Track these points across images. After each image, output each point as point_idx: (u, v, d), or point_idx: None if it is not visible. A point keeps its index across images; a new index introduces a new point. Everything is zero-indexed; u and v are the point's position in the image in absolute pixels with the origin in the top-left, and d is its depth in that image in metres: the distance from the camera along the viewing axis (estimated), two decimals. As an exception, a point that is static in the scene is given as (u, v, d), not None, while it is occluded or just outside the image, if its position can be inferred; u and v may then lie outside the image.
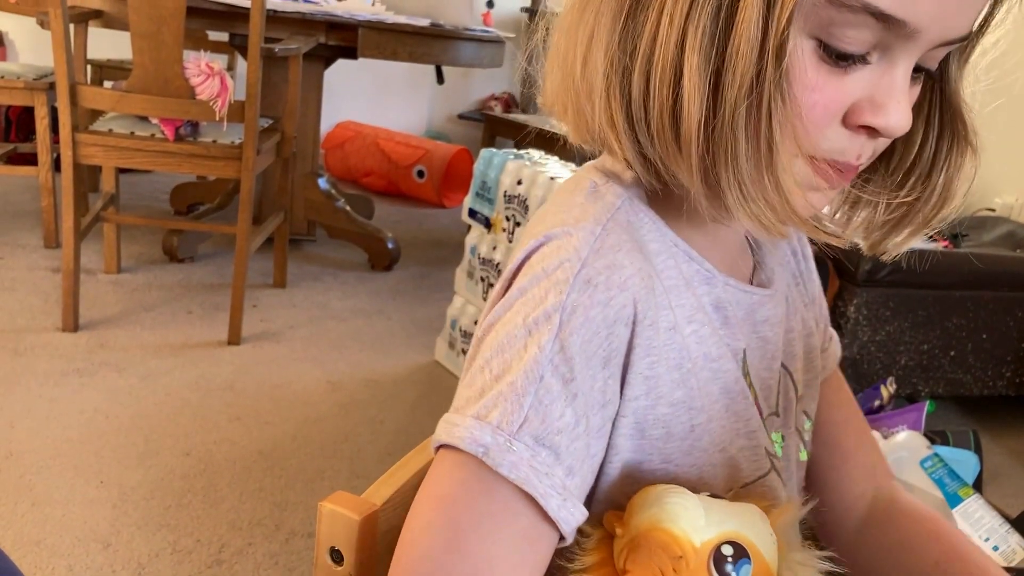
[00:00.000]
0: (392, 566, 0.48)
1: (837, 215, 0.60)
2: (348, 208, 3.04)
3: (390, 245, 3.00)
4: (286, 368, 2.19)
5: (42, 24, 2.22)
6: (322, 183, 3.01)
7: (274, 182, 2.73)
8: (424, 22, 2.71)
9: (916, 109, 0.52)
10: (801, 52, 0.45)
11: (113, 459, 1.71)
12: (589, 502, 0.51)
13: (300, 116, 2.66)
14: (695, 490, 0.48)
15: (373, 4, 3.02)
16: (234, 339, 2.28)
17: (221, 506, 1.61)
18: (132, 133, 2.17)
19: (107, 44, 3.11)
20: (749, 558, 0.45)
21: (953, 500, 1.35)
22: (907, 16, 0.44)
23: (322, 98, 3.04)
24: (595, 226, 0.50)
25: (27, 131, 3.68)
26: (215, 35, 3.17)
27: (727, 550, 0.45)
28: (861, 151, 0.49)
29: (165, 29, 2.04)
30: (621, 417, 0.50)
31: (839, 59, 0.46)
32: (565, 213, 0.51)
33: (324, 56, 2.91)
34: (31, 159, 3.10)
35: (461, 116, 4.88)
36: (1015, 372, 2.20)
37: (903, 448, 1.39)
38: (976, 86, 0.55)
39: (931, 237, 2.26)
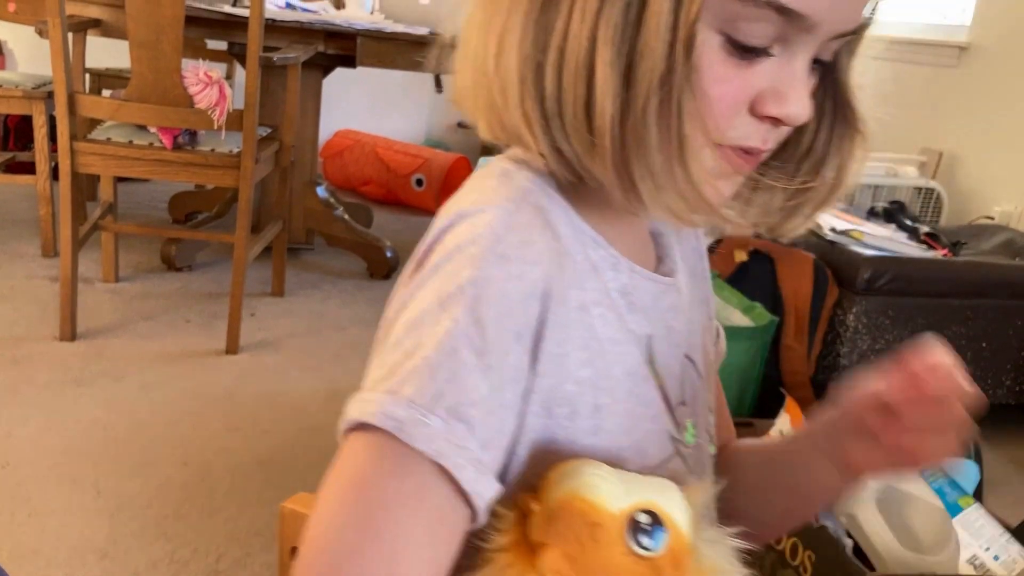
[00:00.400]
0: (300, 552, 0.47)
1: (735, 201, 0.62)
2: (347, 217, 3.04)
3: (389, 254, 3.00)
4: (284, 377, 2.19)
5: (41, 33, 2.22)
6: (321, 192, 3.01)
7: (272, 191, 2.73)
8: (423, 30, 2.71)
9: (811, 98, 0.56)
10: (709, 46, 0.48)
11: (111, 469, 1.71)
12: (500, 483, 0.51)
13: (299, 125, 2.66)
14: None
15: (372, 13, 3.03)
16: (232, 348, 2.27)
17: (219, 516, 1.60)
18: (130, 142, 2.17)
19: (105, 53, 3.11)
20: (664, 526, 0.46)
21: (953, 510, 1.34)
22: (806, 10, 0.47)
23: (321, 107, 3.04)
24: (508, 203, 0.51)
25: (25, 140, 3.68)
26: (213, 44, 3.18)
27: (642, 518, 0.46)
28: (767, 137, 0.52)
29: (164, 38, 2.04)
30: (531, 394, 0.50)
31: (744, 52, 0.49)
32: (477, 194, 0.52)
33: (323, 65, 2.91)
34: (29, 168, 3.10)
35: (460, 124, 4.88)
36: (1015, 380, 2.20)
37: (903, 457, 1.39)
38: (863, 79, 0.59)
39: (930, 246, 2.24)
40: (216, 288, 2.70)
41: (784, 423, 1.51)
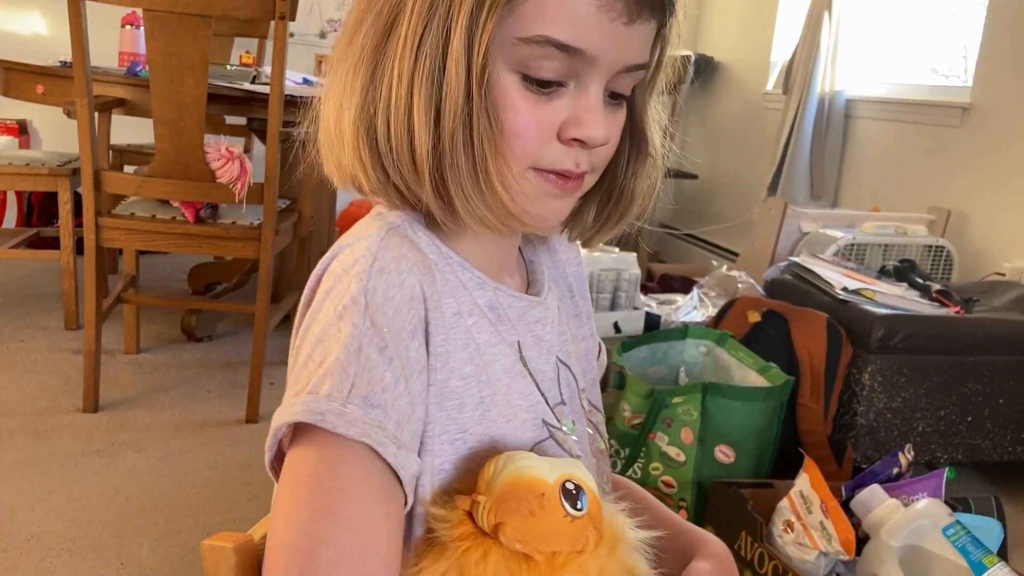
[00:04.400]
0: (268, 562, 0.51)
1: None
2: (363, 284, 3.07)
3: (405, 320, 3.02)
4: (304, 445, 2.20)
5: (69, 114, 2.29)
6: (337, 260, 3.05)
7: (291, 260, 2.78)
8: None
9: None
10: (506, 84, 0.58)
11: (133, 540, 1.71)
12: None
13: (316, 196, 2.72)
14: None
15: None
16: (252, 417, 2.29)
17: (241, 586, 1.60)
18: (153, 216, 2.23)
19: (126, 129, 3.20)
20: (584, 489, 0.57)
21: (978, 568, 1.33)
22: (582, 45, 0.57)
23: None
24: (379, 231, 0.59)
25: (48, 215, 3.76)
26: (231, 118, 3.26)
27: (570, 485, 0.57)
28: (578, 159, 0.61)
29: (187, 116, 2.11)
30: (429, 387, 0.58)
31: (541, 87, 0.59)
32: (354, 231, 0.62)
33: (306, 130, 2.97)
34: (52, 243, 3.17)
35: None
36: (1034, 437, 2.19)
37: (924, 516, 1.39)
38: (658, 113, 0.69)
39: (942, 303, 2.25)
40: (236, 358, 2.73)
41: (803, 483, 1.51)
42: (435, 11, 0.56)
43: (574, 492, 0.56)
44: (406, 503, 0.55)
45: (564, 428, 0.68)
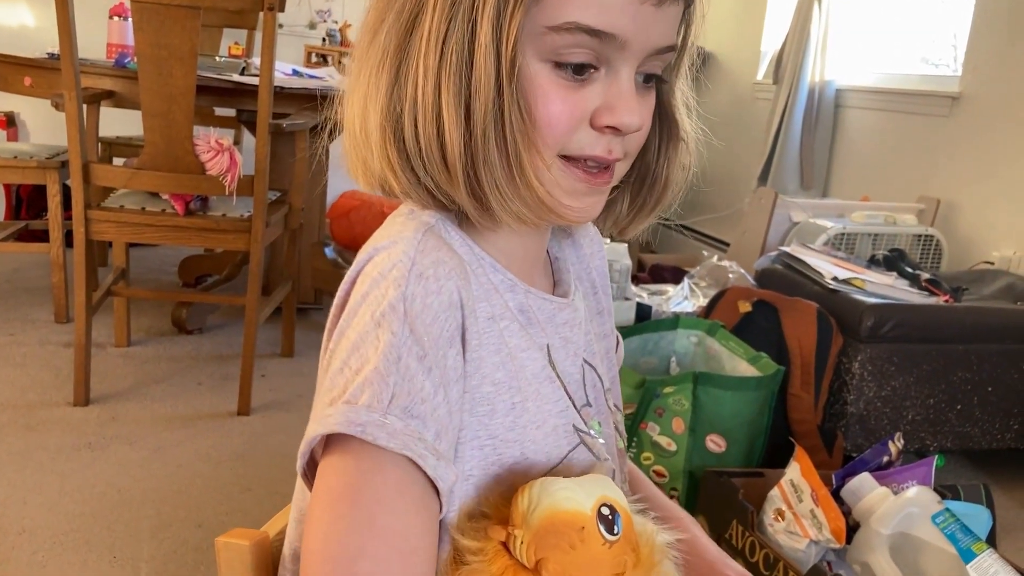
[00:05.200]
0: (304, 566, 0.51)
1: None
2: (354, 276, 3.06)
3: (396, 312, 3.01)
4: (296, 437, 2.18)
5: (57, 106, 2.28)
6: (328, 252, 3.05)
7: (281, 253, 2.77)
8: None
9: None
10: (536, 74, 0.57)
11: (126, 533, 1.71)
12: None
13: (306, 187, 2.71)
14: (535, 470, 0.60)
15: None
16: (244, 409, 2.29)
17: (234, 578, 1.60)
18: (143, 209, 2.22)
19: (116, 121, 3.18)
20: (618, 511, 0.56)
21: (967, 555, 1.34)
22: (612, 29, 0.56)
23: (328, 169, 3.10)
24: (416, 234, 0.58)
25: (37, 208, 3.74)
26: (221, 110, 3.25)
27: (605, 511, 0.56)
28: (610, 146, 0.60)
29: (176, 108, 2.10)
30: (464, 393, 0.57)
31: (573, 73, 0.57)
32: (388, 231, 0.60)
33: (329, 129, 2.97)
34: (41, 236, 3.15)
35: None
36: (1023, 425, 2.20)
37: (913, 504, 1.40)
38: (687, 97, 0.68)
39: (931, 292, 2.26)
40: (227, 350, 2.73)
41: (794, 472, 1.52)
42: (459, 5, 0.55)
43: (610, 517, 0.55)
44: (440, 512, 0.54)
45: (592, 432, 0.68)
